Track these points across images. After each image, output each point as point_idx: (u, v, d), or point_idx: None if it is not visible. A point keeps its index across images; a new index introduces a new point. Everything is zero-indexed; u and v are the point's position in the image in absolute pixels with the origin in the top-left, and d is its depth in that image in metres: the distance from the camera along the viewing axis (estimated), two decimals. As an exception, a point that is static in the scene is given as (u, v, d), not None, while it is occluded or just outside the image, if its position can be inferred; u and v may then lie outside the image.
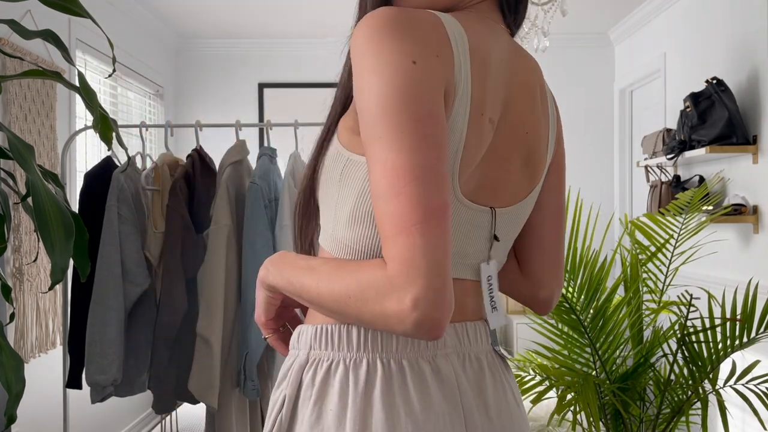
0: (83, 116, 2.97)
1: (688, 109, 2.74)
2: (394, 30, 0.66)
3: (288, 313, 0.86)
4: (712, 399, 2.35)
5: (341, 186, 0.72)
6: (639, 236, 2.59)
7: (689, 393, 2.00)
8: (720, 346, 1.95)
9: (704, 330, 1.93)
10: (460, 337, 0.76)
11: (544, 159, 0.84)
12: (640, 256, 2.22)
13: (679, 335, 1.96)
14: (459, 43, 0.69)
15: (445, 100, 0.67)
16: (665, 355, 2.07)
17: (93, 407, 2.83)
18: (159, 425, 3.41)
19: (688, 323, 1.95)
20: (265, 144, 2.31)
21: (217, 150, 2.50)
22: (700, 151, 2.64)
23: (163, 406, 2.14)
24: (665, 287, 2.22)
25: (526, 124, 0.79)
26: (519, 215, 0.83)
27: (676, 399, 2.05)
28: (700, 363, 1.97)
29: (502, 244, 0.82)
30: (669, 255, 2.22)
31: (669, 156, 2.86)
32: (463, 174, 0.72)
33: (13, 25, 1.23)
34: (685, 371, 2.03)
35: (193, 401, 2.18)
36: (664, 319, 2.71)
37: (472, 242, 0.77)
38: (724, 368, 2.05)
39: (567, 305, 2.07)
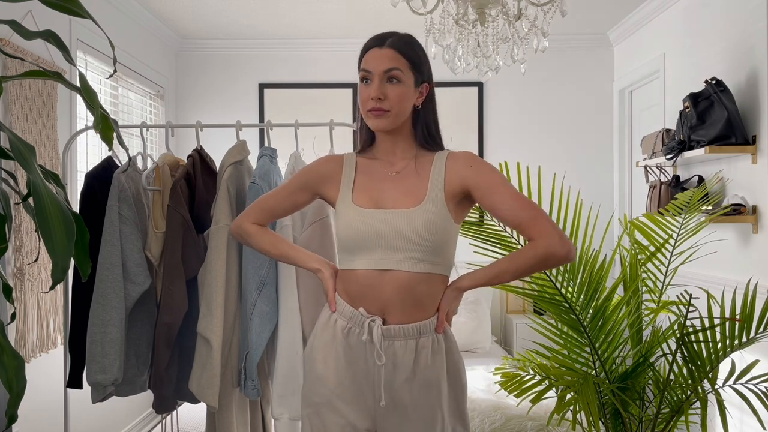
0: (84, 116, 2.97)
1: (687, 110, 2.74)
2: None
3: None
4: (712, 398, 2.35)
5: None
6: (638, 236, 2.59)
7: (688, 392, 2.00)
8: (719, 345, 1.95)
9: (703, 330, 1.93)
10: None
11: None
12: (639, 256, 2.23)
13: (678, 335, 1.96)
14: None
15: None
16: (664, 354, 2.07)
17: (94, 407, 2.83)
18: (159, 425, 3.41)
19: (688, 323, 1.95)
20: (266, 144, 2.31)
21: (217, 150, 2.51)
22: (700, 152, 2.64)
23: (164, 405, 2.14)
24: (664, 287, 2.22)
25: None
26: None
27: (675, 398, 2.05)
28: (699, 363, 1.97)
29: None
30: (668, 255, 2.23)
31: (668, 156, 2.86)
32: None
33: (14, 25, 1.23)
34: (685, 371, 2.03)
35: (194, 401, 2.18)
36: (664, 319, 2.72)
37: None
38: (724, 368, 2.06)
39: (566, 305, 2.07)
